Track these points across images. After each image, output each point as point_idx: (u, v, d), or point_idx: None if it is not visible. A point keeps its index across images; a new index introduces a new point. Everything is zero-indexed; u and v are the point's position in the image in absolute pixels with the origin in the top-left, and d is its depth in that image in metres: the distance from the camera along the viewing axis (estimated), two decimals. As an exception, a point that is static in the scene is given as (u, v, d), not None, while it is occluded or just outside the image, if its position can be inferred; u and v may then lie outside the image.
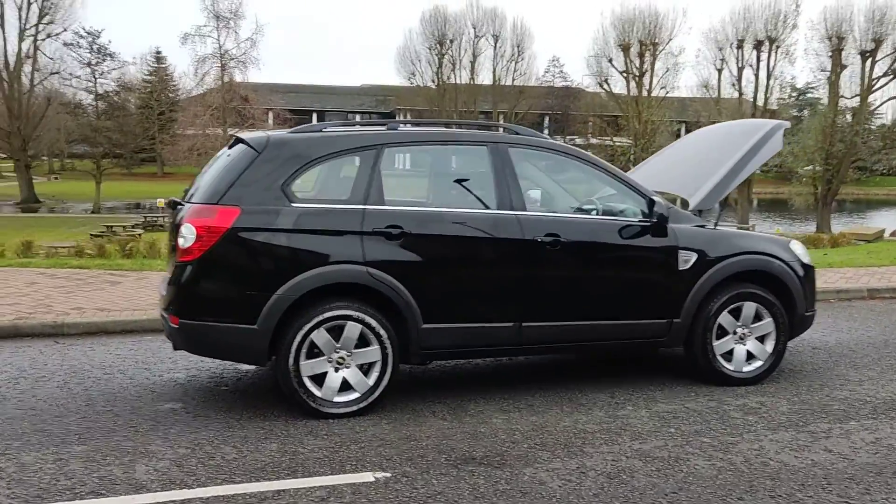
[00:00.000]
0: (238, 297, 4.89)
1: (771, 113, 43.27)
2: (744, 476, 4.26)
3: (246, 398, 5.44)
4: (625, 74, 44.49)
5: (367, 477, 4.14)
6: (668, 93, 44.55)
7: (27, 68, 44.12)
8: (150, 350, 6.69)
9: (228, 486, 3.99)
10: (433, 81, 65.95)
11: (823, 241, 16.55)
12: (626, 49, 43.94)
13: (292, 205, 4.97)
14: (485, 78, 67.26)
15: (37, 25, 43.91)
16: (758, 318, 5.91)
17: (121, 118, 43.66)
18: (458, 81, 65.84)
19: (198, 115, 39.73)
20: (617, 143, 43.72)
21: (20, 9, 43.28)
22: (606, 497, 3.97)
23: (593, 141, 54.50)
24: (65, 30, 42.99)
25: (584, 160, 5.78)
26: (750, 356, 5.94)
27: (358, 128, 5.57)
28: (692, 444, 4.72)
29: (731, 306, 5.82)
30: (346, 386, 5.06)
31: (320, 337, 4.96)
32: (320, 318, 4.93)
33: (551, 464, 4.38)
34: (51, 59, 43.63)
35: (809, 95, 57.08)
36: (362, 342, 5.06)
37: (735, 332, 5.88)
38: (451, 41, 66.03)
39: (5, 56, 43.09)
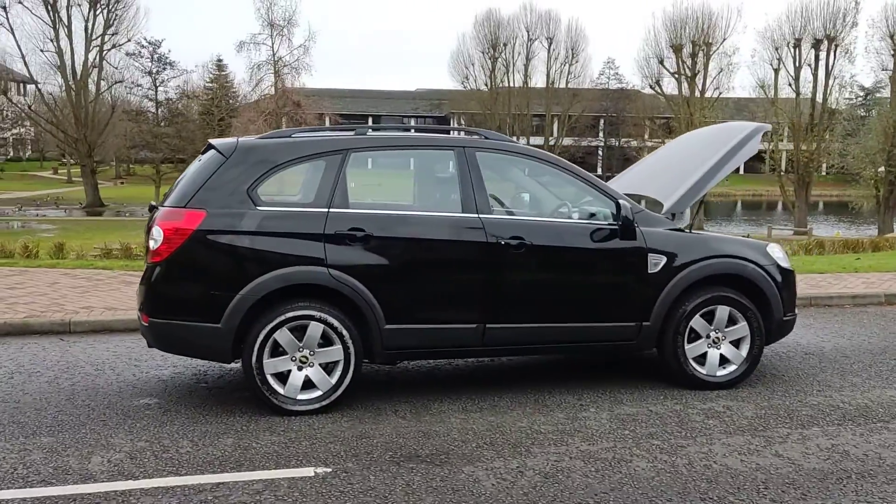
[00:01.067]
0: (203, 296, 5.09)
1: (831, 112, 42.13)
2: (681, 478, 4.26)
3: (221, 395, 5.64)
4: (676, 75, 43.81)
5: (308, 472, 4.28)
6: (721, 93, 43.68)
7: (93, 78, 45.79)
8: (145, 348, 6.95)
9: (172, 478, 4.18)
10: (486, 85, 66.08)
11: (864, 244, 16.07)
12: (677, 50, 43.32)
13: (257, 208, 5.15)
14: (538, 81, 67.15)
15: (102, 36, 45.57)
16: (732, 322, 5.87)
17: (180, 124, 44.96)
18: (511, 85, 65.86)
19: (252, 120, 40.67)
20: (668, 146, 43.00)
21: (87, 21, 44.99)
22: (535, 496, 4.03)
23: (648, 143, 53.92)
24: (129, 40, 44.61)
25: (552, 164, 5.82)
26: (724, 360, 5.90)
27: (327, 133, 5.72)
28: (641, 446, 4.73)
29: (704, 310, 5.80)
30: (309, 384, 5.21)
31: (283, 336, 5.13)
32: (283, 317, 5.10)
33: (493, 463, 4.45)
34: (115, 68, 45.25)
35: (878, 95, 55.34)
36: (326, 342, 5.22)
37: (708, 336, 5.85)
38: (505, 45, 66.08)
39: (73, 66, 44.82)
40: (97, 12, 45.00)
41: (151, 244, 5.15)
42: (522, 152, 5.84)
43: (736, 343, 5.91)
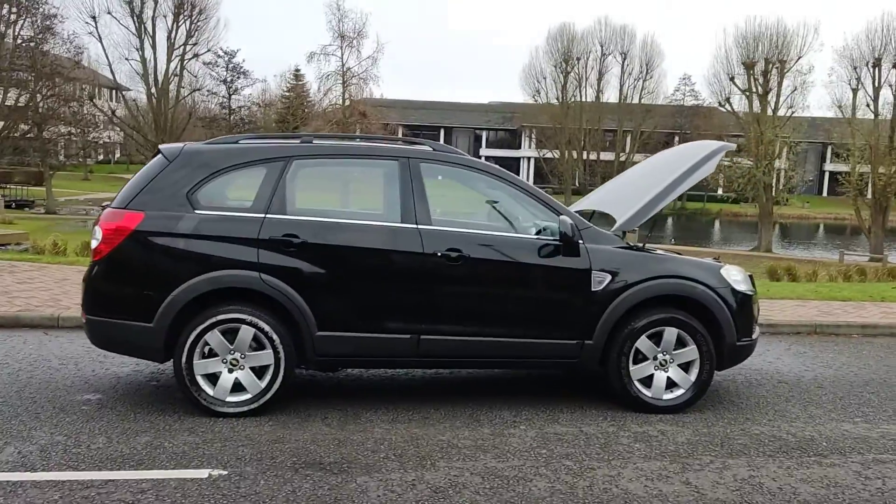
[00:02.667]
0: (137, 296, 5.23)
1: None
2: (572, 500, 4.16)
3: (166, 394, 5.75)
4: (747, 93, 42.62)
5: (203, 474, 4.34)
6: (794, 112, 42.26)
7: (173, 85, 47.49)
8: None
9: (69, 472, 4.29)
10: (557, 99, 65.72)
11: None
12: (749, 67, 42.12)
13: (195, 211, 5.27)
14: (610, 96, 66.42)
15: (184, 46, 47.19)
16: (681, 344, 5.70)
17: (251, 131, 46.25)
18: (582, 99, 65.33)
19: (318, 129, 41.48)
20: (736, 165, 41.81)
21: (170, 31, 46.71)
22: (419, 509, 4.00)
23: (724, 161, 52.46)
24: (208, 50, 46.14)
25: (501, 178, 5.77)
26: (672, 384, 5.72)
27: (273, 140, 5.80)
28: (551, 466, 4.63)
29: (651, 331, 5.64)
30: (239, 387, 5.29)
31: (214, 338, 5.22)
32: (213, 320, 5.19)
33: (391, 474, 4.43)
34: (195, 76, 46.85)
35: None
36: (258, 345, 5.29)
37: (655, 358, 5.69)
38: (578, 59, 65.68)
39: (155, 74, 46.60)
40: (180, 23, 46.67)
41: (93, 243, 5.33)
42: (471, 165, 5.80)
43: (685, 366, 5.74)
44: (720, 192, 59.33)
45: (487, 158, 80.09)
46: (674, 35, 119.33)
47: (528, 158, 77.91)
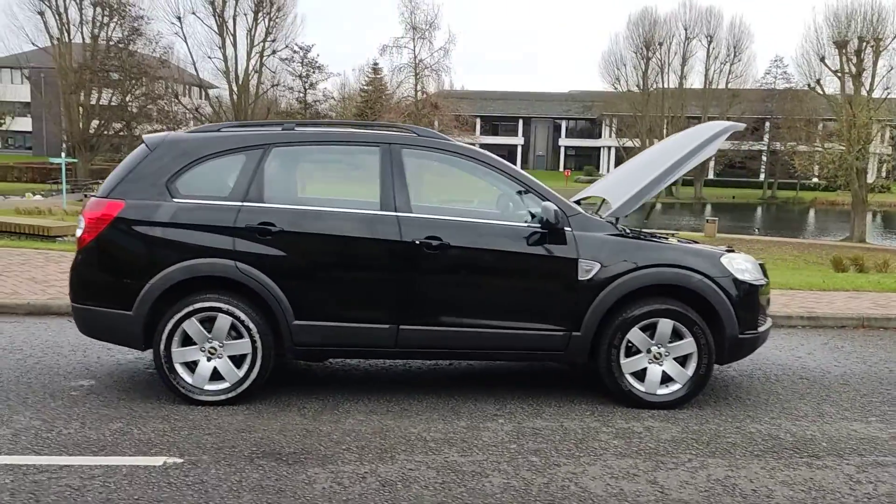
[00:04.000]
0: (117, 283, 5.29)
1: None
2: (523, 498, 3.98)
3: (160, 383, 5.80)
4: (839, 74, 40.54)
5: (158, 461, 4.33)
6: (889, 94, 39.96)
7: (253, 82, 48.75)
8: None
9: (29, 456, 4.34)
10: (638, 86, 64.28)
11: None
12: (841, 46, 40.04)
13: (173, 200, 5.29)
14: (694, 81, 64.62)
15: (263, 42, 48.39)
16: (678, 336, 5.40)
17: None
18: (665, 86, 63.67)
19: (391, 122, 41.75)
20: (827, 150, 39.89)
21: (250, 29, 47.96)
22: (354, 503, 3.89)
23: (818, 148, 50.14)
24: (286, 46, 47.08)
25: (487, 164, 5.58)
26: (667, 378, 5.42)
27: (252, 128, 5.76)
28: (515, 462, 4.45)
29: (644, 322, 5.36)
30: (217, 375, 5.29)
31: (192, 326, 5.23)
32: (190, 308, 5.20)
33: (345, 466, 4.34)
34: (273, 72, 47.94)
35: None
36: (237, 334, 5.27)
37: (649, 351, 5.41)
38: (660, 44, 64.13)
39: (236, 71, 47.95)
40: (259, 20, 47.82)
41: (77, 232, 5.42)
42: (456, 151, 5.61)
43: (682, 360, 5.43)
44: (815, 179, 56.69)
45: (567, 148, 79.94)
46: (764, 15, 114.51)
47: (609, 148, 76.55)
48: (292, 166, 5.61)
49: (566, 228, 5.35)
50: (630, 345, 5.39)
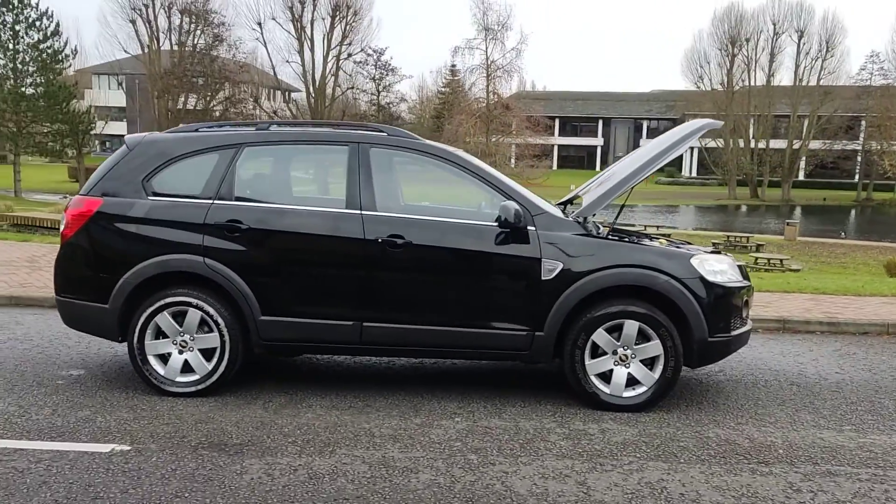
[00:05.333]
0: (94, 278, 5.53)
1: None
2: (444, 494, 3.99)
3: (144, 373, 6.05)
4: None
5: (106, 448, 4.51)
6: None
7: (329, 85, 49.78)
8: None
9: (-7, 439, 4.63)
10: (722, 84, 62.48)
11: None
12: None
13: (148, 198, 5.51)
14: (783, 78, 62.41)
15: (339, 46, 49.39)
16: (645, 338, 5.27)
17: (397, 127, 47.58)
18: (751, 83, 61.69)
19: (461, 123, 41.91)
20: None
21: (326, 33, 49.02)
22: (275, 493, 3.97)
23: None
24: (361, 50, 47.93)
25: (455, 163, 5.58)
26: (633, 380, 5.30)
27: (228, 128, 5.91)
28: (451, 459, 4.45)
29: (610, 323, 5.26)
30: (188, 368, 5.47)
31: (164, 320, 5.43)
32: (162, 302, 5.40)
33: (282, 458, 4.42)
34: (349, 75, 48.85)
35: None
36: (208, 328, 5.44)
37: (615, 353, 5.30)
38: (747, 40, 62.21)
39: (313, 75, 49.07)
40: (335, 24, 48.81)
41: (61, 228, 5.70)
42: (425, 150, 5.63)
43: (650, 362, 5.31)
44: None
45: (649, 149, 78.23)
46: (858, 8, 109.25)
47: (691, 148, 74.60)
48: (263, 165, 5.74)
49: (530, 228, 5.30)
50: (595, 346, 5.30)
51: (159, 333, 5.47)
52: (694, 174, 75.29)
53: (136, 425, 4.90)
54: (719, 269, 5.41)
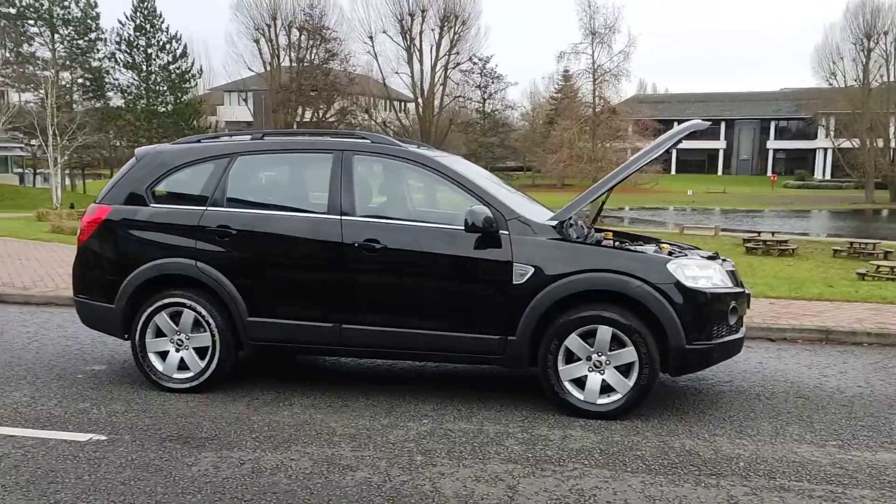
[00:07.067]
0: (103, 280, 5.93)
1: None
2: (371, 492, 4.06)
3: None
4: None
5: (84, 437, 4.83)
6: None
7: (438, 94, 50.53)
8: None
9: (-7, 426, 5.06)
10: (857, 81, 58.96)
11: None
12: None
13: (151, 205, 5.87)
14: (927, 73, 57.91)
15: (447, 56, 50.06)
16: (620, 345, 5.14)
17: (503, 133, 47.65)
18: (890, 79, 57.87)
19: (567, 128, 41.47)
20: None
21: (433, 44, 49.83)
22: (214, 485, 4.14)
23: None
24: (469, 59, 48.37)
25: (432, 168, 5.63)
26: (608, 387, 5.17)
27: (225, 139, 6.19)
28: (396, 460, 4.51)
29: (583, 329, 5.16)
30: (184, 365, 5.78)
31: (161, 320, 5.76)
32: (159, 303, 5.74)
33: (237, 452, 4.61)
34: (456, 84, 49.44)
35: None
36: (202, 328, 5.74)
37: (590, 359, 5.19)
38: (885, 33, 58.42)
39: (421, 85, 49.98)
40: (443, 34, 49.51)
41: (78, 233, 6.15)
42: (407, 157, 5.71)
43: (625, 369, 5.17)
44: None
45: (776, 151, 74.69)
46: None
47: (825, 149, 70.69)
48: (254, 173, 5.98)
49: (503, 232, 5.28)
50: (569, 351, 5.21)
51: (158, 332, 5.81)
52: (828, 177, 71.26)
53: (123, 417, 5.22)
54: (701, 274, 5.21)
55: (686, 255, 5.67)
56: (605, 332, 5.14)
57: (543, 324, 5.22)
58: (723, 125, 73.73)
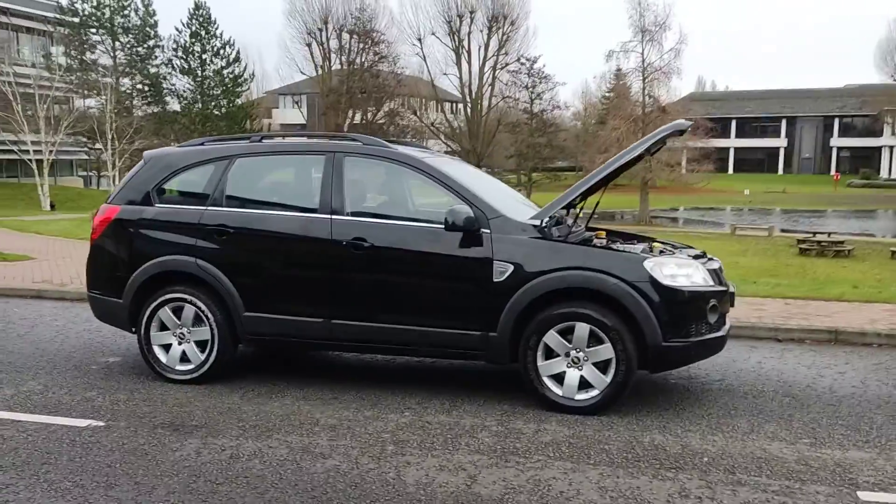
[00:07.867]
0: (112, 276, 6.25)
1: None
2: (337, 479, 4.23)
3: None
4: None
5: (83, 423, 5.14)
6: None
7: (486, 95, 50.56)
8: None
9: (2, 412, 5.37)
10: (922, 76, 57.04)
11: None
12: None
13: (155, 205, 6.17)
14: None
15: (495, 57, 50.03)
16: (597, 341, 5.23)
17: (552, 134, 47.37)
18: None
19: (615, 127, 41.10)
20: None
21: (482, 45, 49.89)
22: (191, 469, 4.37)
23: None
24: (518, 59, 48.22)
25: (420, 169, 5.79)
26: (586, 383, 5.26)
27: (228, 142, 6.43)
28: (368, 450, 4.68)
29: (561, 325, 5.27)
30: (185, 357, 6.06)
31: (165, 314, 6.06)
32: (162, 298, 6.03)
33: (221, 440, 4.84)
34: (505, 84, 49.35)
35: None
36: (202, 323, 6.01)
37: (568, 355, 5.29)
38: (950, 27, 56.37)
39: (470, 85, 50.06)
40: (492, 35, 49.51)
41: (90, 232, 6.49)
42: (396, 158, 5.88)
43: (603, 366, 5.26)
44: None
45: (840, 149, 72.64)
46: None
47: (891, 147, 68.49)
48: (251, 174, 6.23)
49: (484, 230, 5.42)
50: (548, 348, 5.32)
51: (162, 326, 6.10)
52: (894, 175, 69.01)
53: (124, 406, 5.52)
54: (679, 272, 5.26)
55: (673, 253, 5.72)
56: (582, 329, 5.23)
57: (523, 320, 5.34)
58: (783, 122, 72.12)
